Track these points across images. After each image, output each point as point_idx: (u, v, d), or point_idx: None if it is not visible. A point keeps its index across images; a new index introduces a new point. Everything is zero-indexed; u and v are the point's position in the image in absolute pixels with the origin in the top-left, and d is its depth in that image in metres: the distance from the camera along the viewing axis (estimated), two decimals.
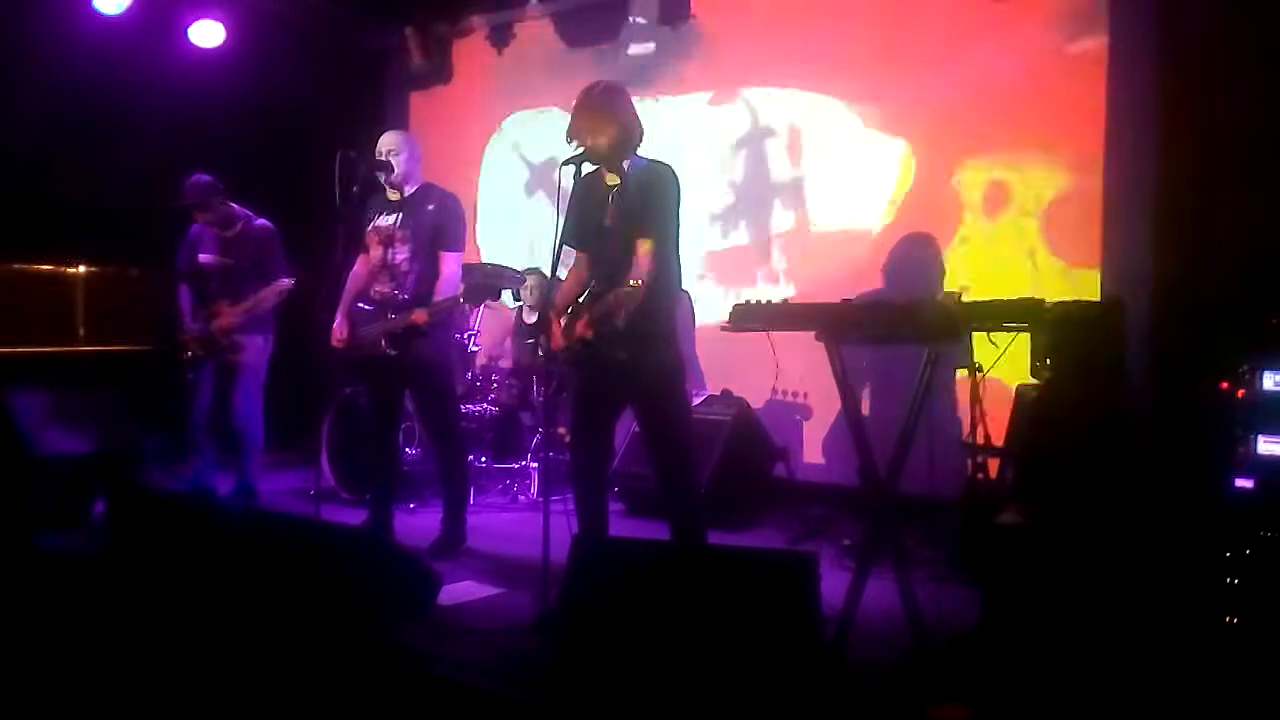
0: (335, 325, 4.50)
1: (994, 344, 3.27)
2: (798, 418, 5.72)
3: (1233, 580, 3.11)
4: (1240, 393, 3.26)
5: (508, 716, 2.83)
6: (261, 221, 5.31)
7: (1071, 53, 4.87)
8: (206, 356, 5.23)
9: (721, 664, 2.61)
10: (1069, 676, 2.85)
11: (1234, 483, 3.22)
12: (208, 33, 6.45)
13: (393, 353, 4.37)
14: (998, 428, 4.30)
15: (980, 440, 4.19)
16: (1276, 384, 3.22)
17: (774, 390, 5.63)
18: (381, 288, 4.48)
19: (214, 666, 3.19)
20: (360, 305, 4.54)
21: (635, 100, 3.68)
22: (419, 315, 4.26)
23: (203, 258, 5.29)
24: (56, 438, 5.04)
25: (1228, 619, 3.08)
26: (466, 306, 5.89)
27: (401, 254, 4.43)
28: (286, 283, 5.23)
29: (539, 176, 6.76)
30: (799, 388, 5.61)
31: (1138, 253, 4.62)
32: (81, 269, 6.93)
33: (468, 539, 4.64)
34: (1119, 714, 2.69)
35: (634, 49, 6.35)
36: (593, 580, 2.94)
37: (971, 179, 5.19)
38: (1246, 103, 4.18)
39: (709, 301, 5.93)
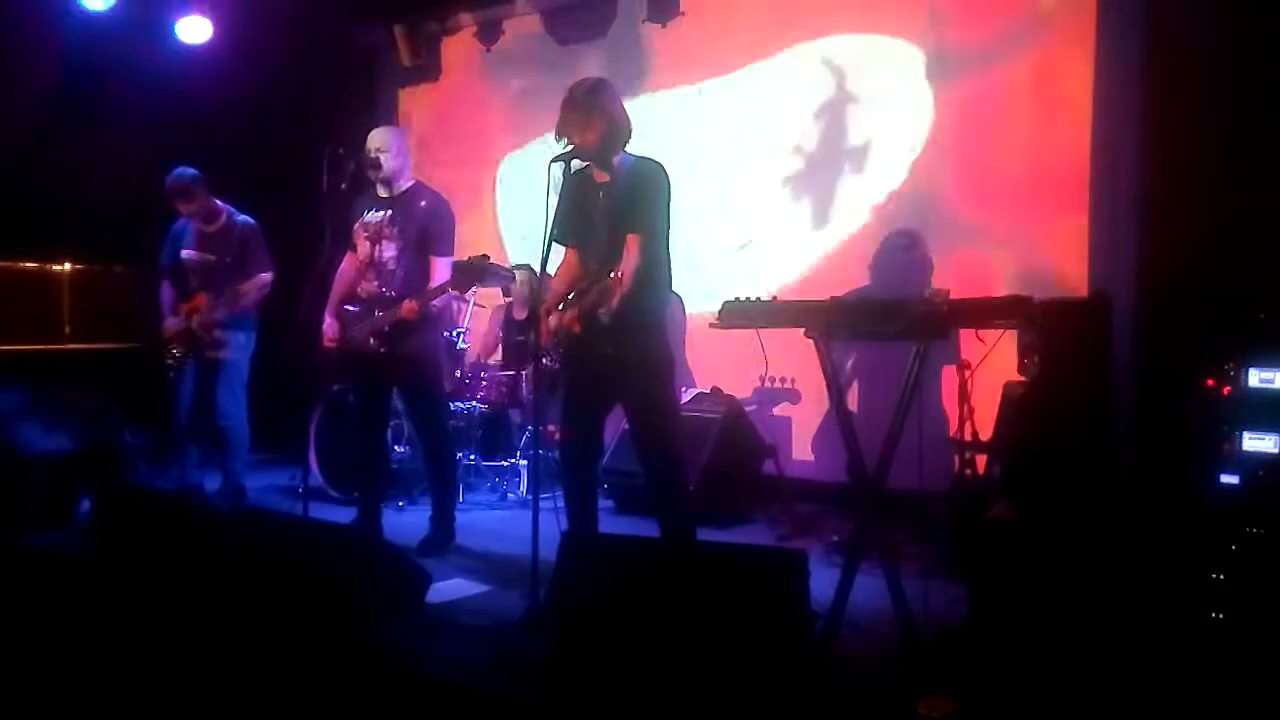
0: (325, 325, 4.49)
1: (981, 341, 3.28)
2: (787, 415, 5.73)
3: (1218, 576, 3.13)
4: (1226, 389, 3.28)
5: (498, 714, 2.83)
6: (245, 218, 5.29)
7: (1057, 44, 4.90)
8: (188, 353, 5.21)
9: (711, 660, 2.62)
10: (1056, 670, 2.87)
11: (1219, 479, 3.24)
12: (195, 29, 6.42)
13: (382, 350, 4.36)
14: (986, 424, 4.32)
15: (968, 437, 4.21)
16: (1262, 380, 3.23)
17: (763, 387, 5.64)
18: (368, 285, 4.46)
19: (202, 665, 3.18)
20: (347, 307, 4.53)
21: (625, 97, 3.68)
22: (408, 306, 4.23)
23: (185, 253, 5.26)
24: (42, 436, 5.02)
25: (1213, 614, 3.10)
26: (455, 305, 5.94)
27: (389, 251, 4.42)
28: (267, 277, 5.19)
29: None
30: (788, 385, 5.63)
31: (1124, 251, 4.64)
32: (68, 267, 6.91)
33: (457, 537, 4.63)
34: (1105, 708, 2.70)
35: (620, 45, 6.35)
36: (582, 577, 2.94)
37: (955, 177, 5.21)
38: (1233, 98, 4.20)
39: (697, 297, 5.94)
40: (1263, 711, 2.67)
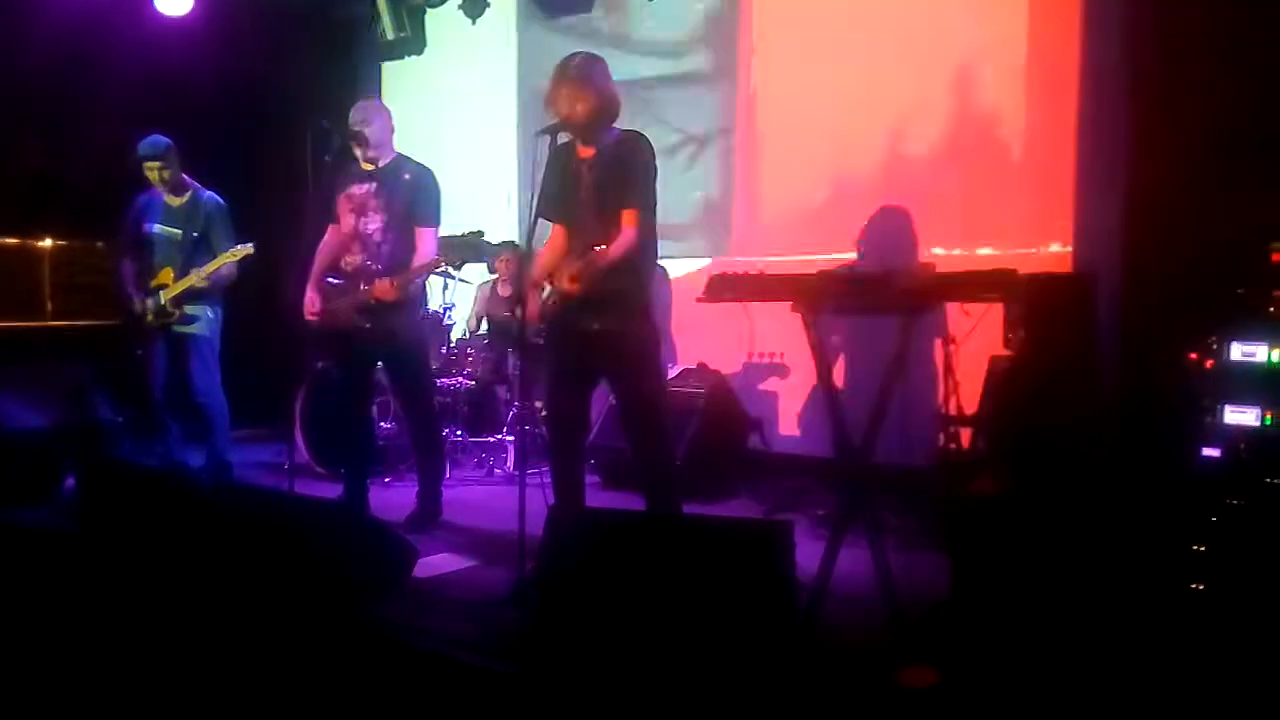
0: (307, 299, 4.46)
1: (968, 314, 3.29)
2: (773, 390, 5.74)
3: (1199, 547, 3.17)
4: (1208, 363, 3.31)
5: (485, 686, 2.84)
6: (211, 194, 5.22)
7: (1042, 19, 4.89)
8: (157, 328, 5.16)
9: (697, 631, 2.63)
10: (1038, 642, 2.89)
11: (1201, 451, 3.27)
12: (175, 1, 6.34)
13: (366, 324, 4.34)
14: (972, 399, 4.34)
15: (953, 411, 4.23)
16: (1244, 355, 3.27)
17: (750, 362, 5.65)
18: (353, 258, 4.43)
19: (188, 640, 3.18)
20: (330, 280, 4.50)
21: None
22: (386, 286, 4.21)
23: (149, 226, 5.18)
24: (25, 412, 4.98)
25: (1194, 585, 3.14)
26: (441, 281, 5.91)
27: (374, 223, 4.39)
28: (248, 246, 5.04)
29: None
30: (776, 359, 5.63)
31: (1110, 225, 4.65)
32: (48, 243, 6.83)
33: (444, 513, 4.63)
34: (1087, 678, 2.73)
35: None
36: (568, 550, 2.95)
37: (944, 155, 5.20)
38: (1220, 78, 4.20)
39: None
40: (1242, 680, 2.70)
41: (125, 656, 3.15)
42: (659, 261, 4.04)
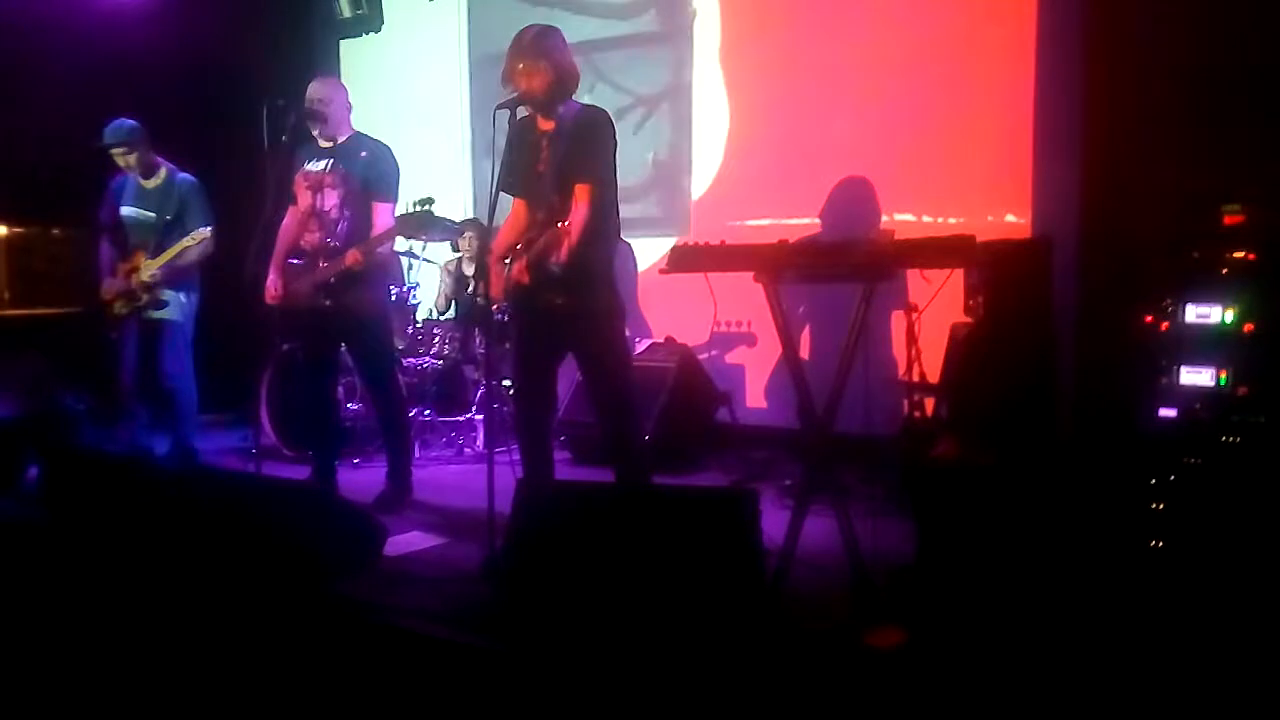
0: (269, 281, 4.42)
1: (928, 281, 3.32)
2: (741, 363, 5.77)
3: (1158, 506, 3.23)
4: (1164, 325, 3.36)
5: (457, 660, 2.85)
6: (185, 175, 5.17)
7: None
8: (129, 313, 5.10)
9: (666, 598, 2.66)
10: (1003, 602, 2.95)
11: (1158, 412, 3.33)
12: None
13: (328, 303, 4.31)
14: (935, 367, 4.38)
15: (916, 379, 4.28)
16: (1198, 316, 3.32)
17: (717, 334, 5.66)
18: (311, 236, 4.39)
19: (159, 625, 3.16)
20: (291, 261, 4.46)
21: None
22: (352, 255, 4.18)
23: (124, 210, 5.14)
24: None
25: (1153, 543, 3.20)
26: (405, 261, 5.88)
27: (331, 200, 4.35)
28: (205, 231, 5.01)
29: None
30: (744, 328, 5.65)
31: (1067, 191, 4.71)
32: (3, 230, 6.70)
33: (414, 492, 4.63)
34: (1049, 636, 2.79)
35: None
36: (536, 522, 2.96)
37: (901, 121, 5.23)
38: (1175, 39, 4.25)
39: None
40: (1200, 635, 2.77)
41: (96, 642, 3.13)
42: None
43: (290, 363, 5.49)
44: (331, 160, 4.36)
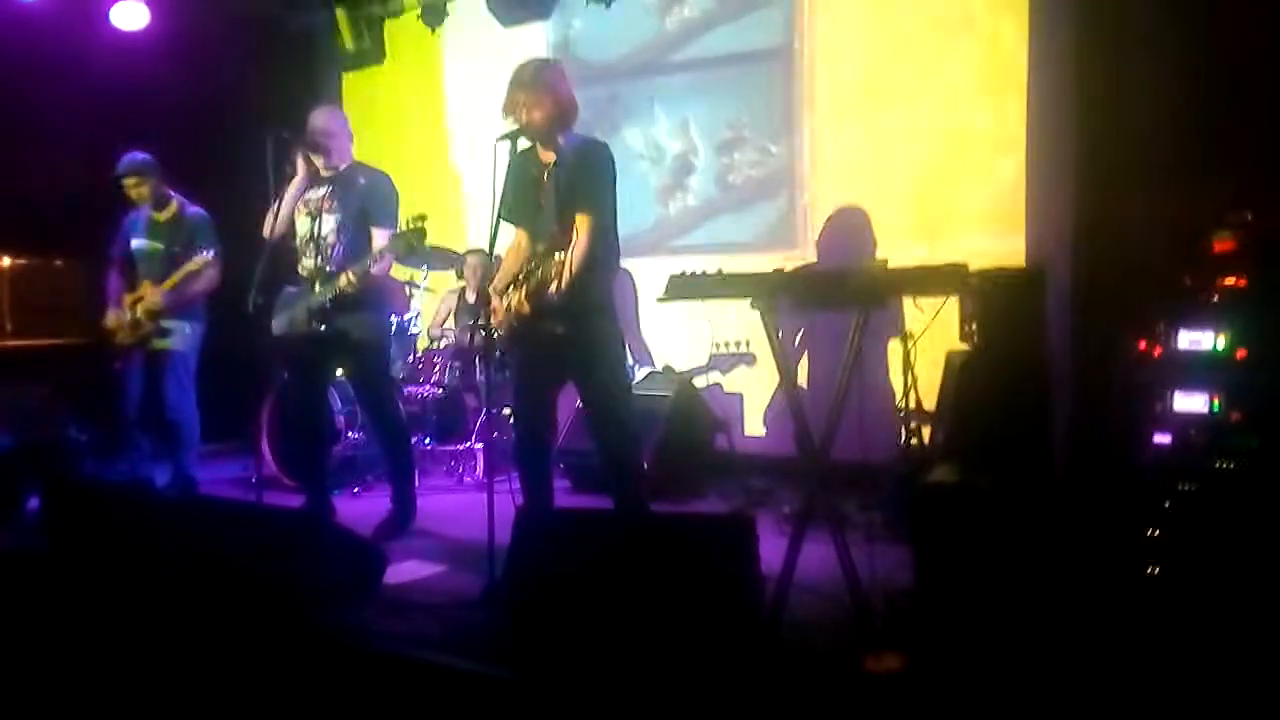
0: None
1: (920, 310, 3.35)
2: (739, 391, 5.79)
3: (1153, 532, 3.24)
4: (1157, 351, 3.39)
5: (458, 688, 2.86)
6: (197, 208, 5.24)
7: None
8: (134, 344, 5.14)
9: (664, 625, 2.67)
10: (1001, 628, 2.95)
11: (1153, 438, 3.34)
12: (131, 15, 6.29)
13: (320, 327, 4.33)
14: (931, 395, 4.41)
15: (913, 406, 4.30)
16: (1190, 343, 3.34)
17: (718, 358, 5.68)
18: (308, 261, 4.43)
19: (159, 656, 3.17)
20: (288, 288, 4.51)
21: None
22: (345, 277, 4.20)
23: (134, 242, 5.20)
24: None
25: (1149, 570, 3.21)
26: (407, 290, 5.92)
27: (328, 225, 4.39)
28: (208, 255, 5.06)
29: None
30: (743, 348, 5.65)
31: (1060, 220, 4.75)
32: (7, 261, 6.75)
33: (415, 520, 4.63)
34: (1047, 662, 2.79)
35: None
36: (537, 549, 2.97)
37: (900, 150, 5.29)
38: (1167, 72, 4.30)
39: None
40: (1197, 659, 2.78)
41: (96, 671, 3.14)
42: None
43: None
44: (331, 187, 4.42)
